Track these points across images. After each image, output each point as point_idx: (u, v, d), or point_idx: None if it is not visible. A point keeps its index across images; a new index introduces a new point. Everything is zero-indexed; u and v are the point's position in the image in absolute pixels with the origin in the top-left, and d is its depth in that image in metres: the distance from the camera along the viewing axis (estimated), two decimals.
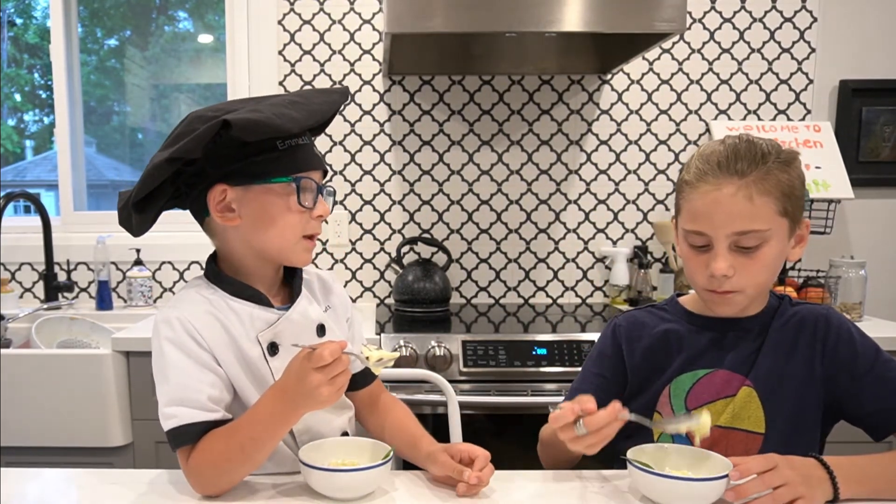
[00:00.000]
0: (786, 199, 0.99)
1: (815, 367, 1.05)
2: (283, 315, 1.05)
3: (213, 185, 1.01)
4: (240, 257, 1.06)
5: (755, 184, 0.98)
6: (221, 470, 0.96)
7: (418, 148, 2.36)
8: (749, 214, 0.98)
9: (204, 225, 1.08)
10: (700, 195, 1.01)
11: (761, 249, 1.00)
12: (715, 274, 1.00)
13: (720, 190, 0.99)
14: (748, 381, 1.06)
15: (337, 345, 0.90)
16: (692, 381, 1.08)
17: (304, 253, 1.06)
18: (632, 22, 1.74)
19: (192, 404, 0.96)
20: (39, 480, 1.06)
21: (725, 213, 0.99)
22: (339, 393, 0.92)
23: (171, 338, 1.00)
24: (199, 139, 0.94)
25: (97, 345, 2.12)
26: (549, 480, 1.03)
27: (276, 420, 0.94)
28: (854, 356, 1.04)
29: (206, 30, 2.61)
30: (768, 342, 1.07)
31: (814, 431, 1.07)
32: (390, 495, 0.98)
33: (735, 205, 0.98)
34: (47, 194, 3.03)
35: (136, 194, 0.99)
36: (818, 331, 1.07)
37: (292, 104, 1.01)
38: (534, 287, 2.41)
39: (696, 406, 1.07)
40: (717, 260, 1.00)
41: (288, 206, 1.01)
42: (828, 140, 2.23)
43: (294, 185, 1.01)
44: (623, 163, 2.37)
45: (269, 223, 1.02)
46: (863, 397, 1.04)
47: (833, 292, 2.01)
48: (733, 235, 0.99)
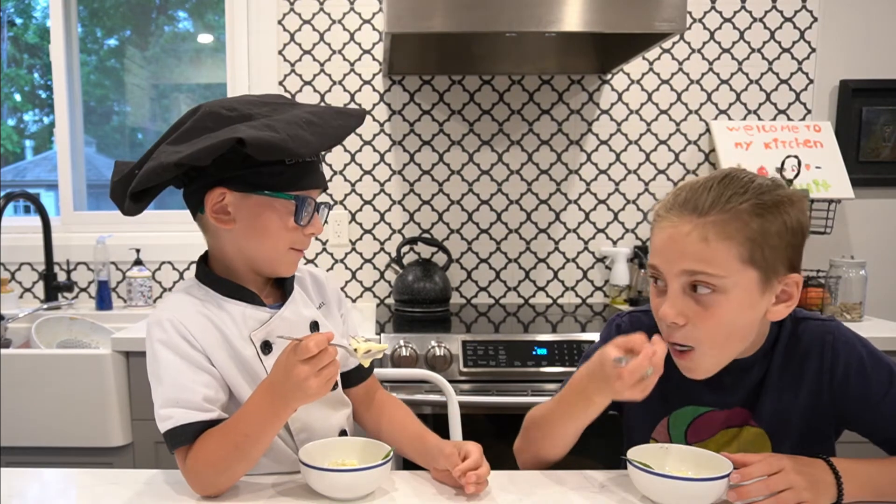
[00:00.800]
0: (754, 246, 0.89)
1: (824, 398, 1.00)
2: (276, 314, 1.06)
3: (213, 186, 1.00)
4: (231, 258, 1.06)
5: (714, 225, 0.89)
6: (218, 469, 0.96)
7: (418, 148, 2.36)
8: (701, 256, 0.90)
9: (198, 220, 1.07)
10: (659, 230, 0.95)
11: (717, 301, 0.91)
12: (662, 318, 0.94)
13: (676, 228, 0.92)
14: (752, 421, 1.02)
15: (323, 336, 0.90)
16: (692, 416, 1.05)
17: (290, 266, 1.07)
18: (632, 22, 1.74)
19: (187, 405, 0.97)
20: (39, 480, 1.06)
21: (678, 250, 0.91)
22: (328, 385, 0.91)
23: (164, 339, 1.00)
24: (211, 151, 0.92)
25: (97, 345, 2.12)
26: (549, 480, 1.03)
27: (268, 415, 0.94)
28: (867, 384, 0.97)
29: (205, 30, 2.61)
30: (771, 377, 1.01)
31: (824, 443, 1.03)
32: (390, 495, 0.98)
33: (688, 244, 0.90)
34: (47, 194, 3.03)
35: (136, 186, 0.97)
36: (825, 361, 0.99)
37: (308, 124, 0.99)
38: (534, 287, 2.41)
39: (696, 441, 1.05)
40: (665, 302, 0.93)
41: (284, 222, 1.02)
42: (828, 140, 2.23)
43: (294, 204, 1.01)
44: (623, 163, 2.37)
45: (263, 235, 1.02)
46: (880, 423, 0.99)
47: (833, 292, 2.01)
48: (683, 275, 0.91)
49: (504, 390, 1.77)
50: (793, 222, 0.92)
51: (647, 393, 0.91)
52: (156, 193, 1.04)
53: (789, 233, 0.92)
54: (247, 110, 0.98)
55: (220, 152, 0.93)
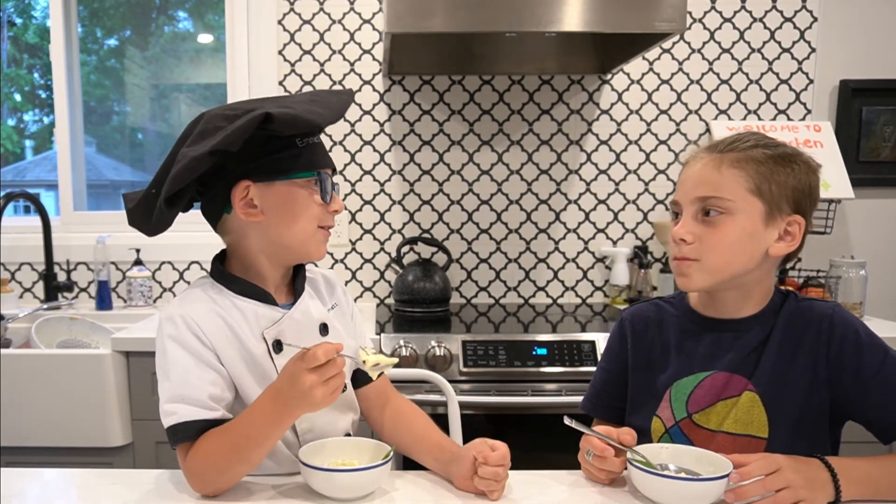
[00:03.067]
0: (762, 179, 1.01)
1: (820, 371, 1.03)
2: (287, 313, 1.06)
3: (236, 182, 1.01)
4: (254, 255, 1.06)
5: (727, 157, 1.02)
6: (218, 469, 0.96)
7: (418, 148, 2.36)
8: (714, 182, 1.02)
9: (218, 224, 1.08)
10: (684, 171, 1.08)
11: (723, 221, 1.01)
12: (673, 237, 1.04)
13: (696, 163, 1.05)
14: (751, 385, 1.04)
15: (332, 346, 0.90)
16: (693, 385, 1.08)
17: (321, 245, 1.08)
18: (632, 22, 1.74)
19: (192, 402, 0.97)
20: (39, 480, 1.06)
21: (694, 180, 1.04)
22: (334, 396, 0.91)
23: (174, 335, 1.00)
24: (241, 132, 0.94)
25: (97, 345, 2.12)
26: (549, 480, 1.03)
27: (271, 421, 0.94)
28: (860, 359, 1.01)
29: (206, 30, 2.61)
30: (771, 344, 1.05)
31: (820, 435, 1.05)
32: (390, 495, 0.98)
33: (704, 174, 1.03)
34: (47, 194, 3.03)
35: (170, 187, 0.97)
36: (822, 332, 1.03)
37: (313, 102, 1.05)
38: (534, 287, 2.41)
39: (697, 410, 1.07)
40: (678, 225, 1.05)
41: (311, 199, 1.04)
42: (828, 140, 2.23)
43: (317, 180, 1.04)
44: (623, 163, 2.37)
45: (294, 216, 1.04)
46: (870, 401, 1.01)
47: (833, 292, 2.01)
48: (697, 202, 1.03)
49: (504, 390, 1.77)
50: (801, 176, 1.03)
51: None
52: (186, 198, 1.03)
53: (796, 181, 1.02)
54: (248, 106, 1.00)
55: (249, 132, 0.94)
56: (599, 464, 0.99)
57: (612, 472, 1.00)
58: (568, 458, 1.08)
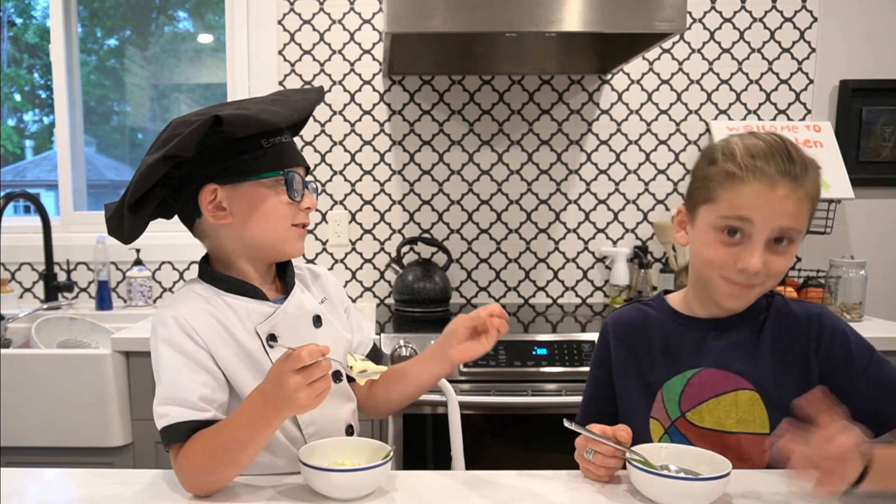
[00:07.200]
0: (814, 203, 1.04)
1: (811, 368, 1.05)
2: (280, 307, 1.07)
3: (202, 185, 1.03)
4: (232, 256, 1.08)
5: (804, 188, 1.01)
6: (206, 469, 0.96)
7: (418, 148, 2.36)
8: (794, 214, 1.01)
9: (194, 228, 1.10)
10: (751, 189, 1.01)
11: (790, 249, 1.03)
12: (750, 269, 1.01)
13: (774, 189, 1.00)
14: (749, 385, 1.05)
15: (317, 347, 0.89)
16: (682, 384, 1.08)
17: (296, 241, 1.09)
18: (632, 22, 1.74)
19: (183, 403, 0.97)
20: (39, 480, 1.06)
21: (776, 210, 1.00)
22: (318, 399, 0.90)
23: (166, 337, 1.01)
24: (192, 136, 0.96)
25: (97, 345, 2.12)
26: (549, 480, 1.03)
27: (258, 422, 0.93)
28: (849, 357, 1.04)
29: (206, 30, 2.61)
30: (764, 342, 1.07)
31: None
32: (390, 495, 0.98)
33: (787, 206, 1.00)
34: (47, 194, 3.03)
35: (131, 196, 1.00)
36: (811, 331, 1.06)
37: (274, 102, 1.06)
38: (534, 287, 2.41)
39: (689, 408, 1.07)
40: (753, 255, 1.01)
41: (278, 198, 1.05)
42: (828, 140, 2.23)
43: (283, 179, 1.04)
44: (623, 163, 2.37)
45: (262, 217, 1.05)
46: (857, 399, 1.01)
47: (833, 292, 2.01)
48: (776, 231, 1.01)
49: (504, 390, 1.77)
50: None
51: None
52: (152, 207, 1.05)
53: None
54: (215, 110, 1.01)
55: (199, 136, 0.96)
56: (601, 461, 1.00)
57: (613, 469, 1.01)
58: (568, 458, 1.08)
